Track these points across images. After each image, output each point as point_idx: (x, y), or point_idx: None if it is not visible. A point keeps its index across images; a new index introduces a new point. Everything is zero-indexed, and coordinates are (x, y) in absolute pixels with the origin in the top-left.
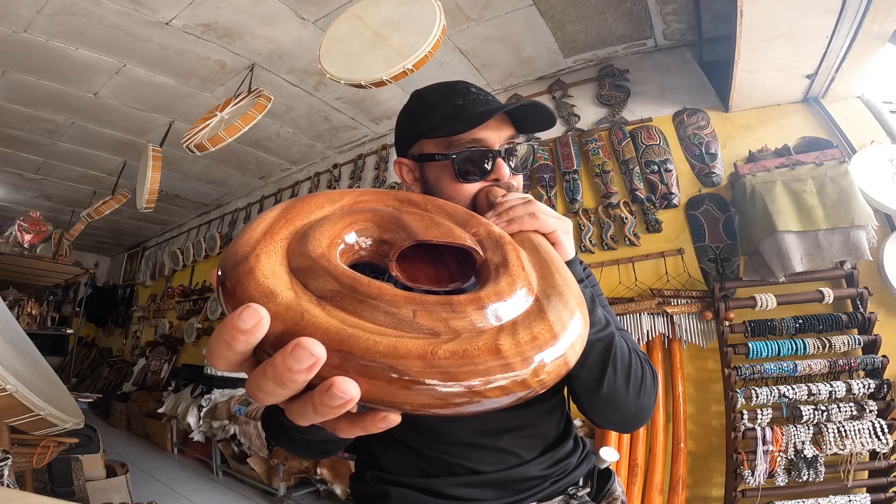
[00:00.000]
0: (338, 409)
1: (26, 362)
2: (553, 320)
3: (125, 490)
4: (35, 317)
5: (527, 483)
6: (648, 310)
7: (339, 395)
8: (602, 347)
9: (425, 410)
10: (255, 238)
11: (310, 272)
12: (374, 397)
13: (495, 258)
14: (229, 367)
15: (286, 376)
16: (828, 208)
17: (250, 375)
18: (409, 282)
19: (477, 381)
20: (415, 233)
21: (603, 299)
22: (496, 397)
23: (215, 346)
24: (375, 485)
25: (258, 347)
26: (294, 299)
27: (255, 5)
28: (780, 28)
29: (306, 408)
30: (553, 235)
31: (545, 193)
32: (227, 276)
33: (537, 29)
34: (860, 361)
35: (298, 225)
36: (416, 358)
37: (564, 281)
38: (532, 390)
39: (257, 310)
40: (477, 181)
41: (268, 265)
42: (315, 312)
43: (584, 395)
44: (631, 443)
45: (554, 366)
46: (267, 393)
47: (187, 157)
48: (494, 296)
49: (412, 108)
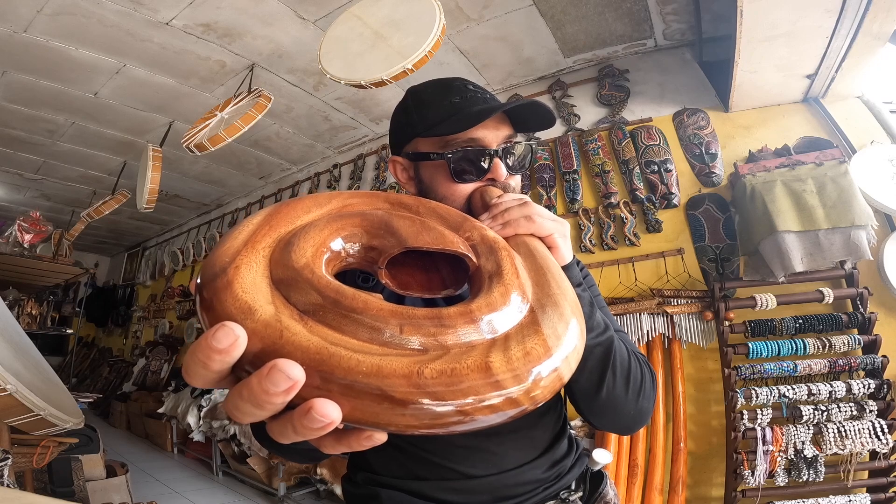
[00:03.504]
0: (318, 431)
1: (26, 362)
2: (547, 333)
3: (125, 490)
4: (35, 317)
5: (521, 488)
6: (648, 310)
7: (318, 419)
8: (601, 352)
9: (412, 431)
10: (236, 248)
11: (292, 284)
12: (358, 418)
13: (489, 265)
14: (207, 385)
15: (263, 399)
16: (828, 208)
17: (227, 395)
18: (399, 289)
19: (465, 401)
20: (405, 239)
21: (601, 300)
22: (485, 416)
23: (190, 364)
24: (366, 486)
25: (236, 365)
26: (273, 315)
27: (255, 5)
28: (780, 28)
29: (286, 428)
30: (549, 239)
31: (545, 193)
32: (204, 288)
33: (537, 29)
34: (860, 361)
35: (283, 232)
36: (401, 378)
37: (560, 289)
38: (524, 408)
39: (233, 329)
40: (473, 181)
41: (248, 277)
42: (295, 329)
43: (583, 400)
44: (631, 443)
45: (547, 382)
46: (244, 413)
47: (187, 157)
48: (486, 307)
49: (407, 105)
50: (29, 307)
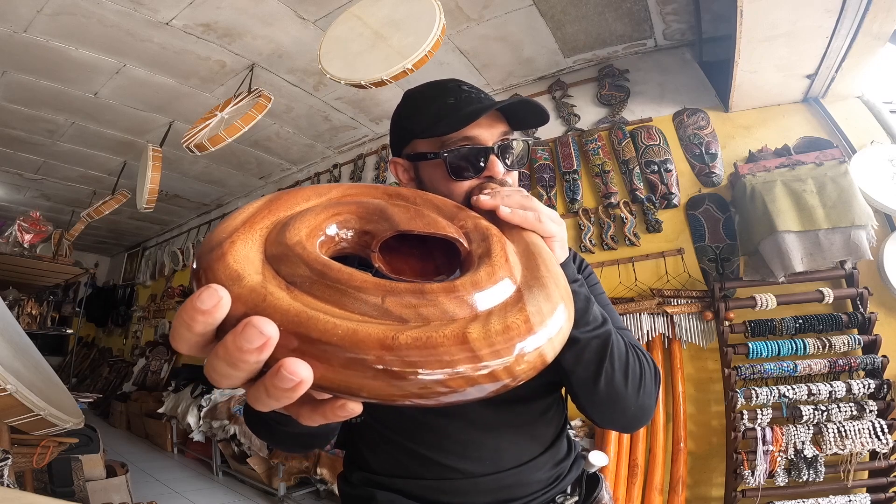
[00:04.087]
0: (289, 392)
1: (26, 362)
2: (531, 311)
3: (125, 490)
4: (35, 317)
5: (521, 489)
6: (648, 310)
7: (288, 377)
8: (598, 345)
9: (384, 399)
10: (234, 226)
11: (283, 258)
12: (330, 383)
13: (479, 250)
14: (191, 350)
15: (237, 356)
16: (828, 208)
17: (207, 359)
18: (392, 273)
19: (439, 370)
20: (397, 224)
21: (604, 298)
22: (462, 388)
23: (176, 327)
24: (362, 487)
25: (220, 329)
26: (260, 282)
27: (255, 5)
28: (780, 28)
29: (260, 391)
30: (549, 241)
31: (545, 193)
32: (200, 259)
33: (537, 29)
34: (860, 361)
35: (281, 216)
36: (374, 343)
37: (550, 273)
38: (503, 383)
39: (217, 290)
40: (470, 178)
41: (242, 251)
42: (279, 296)
43: (582, 393)
44: (631, 443)
45: (529, 359)
46: (221, 374)
47: (187, 157)
48: (471, 285)
49: (404, 109)
50: (29, 307)
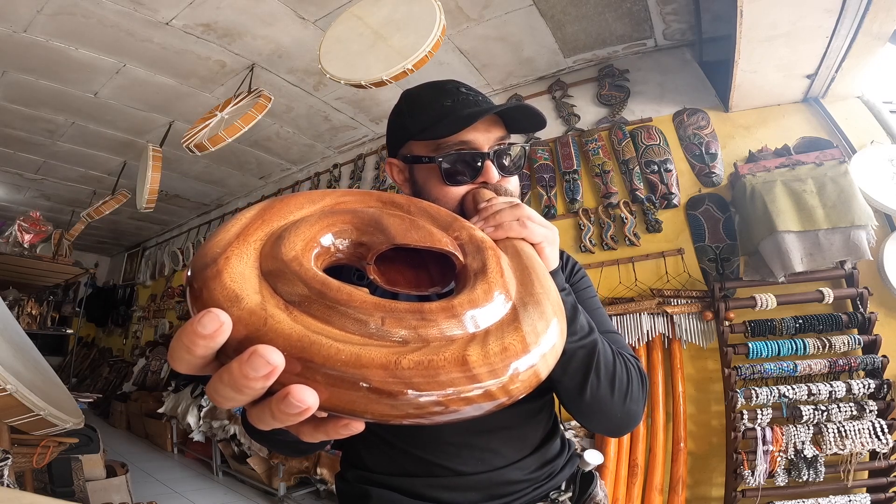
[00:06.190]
0: (295, 416)
1: (26, 362)
2: (527, 331)
3: (125, 490)
4: (35, 317)
5: (511, 486)
6: (648, 310)
7: (295, 404)
8: (584, 355)
9: (388, 420)
10: (227, 240)
11: (280, 276)
12: (335, 405)
13: (475, 264)
14: (191, 371)
15: (242, 383)
16: (828, 208)
17: (210, 379)
18: (387, 285)
19: (441, 392)
20: (393, 236)
21: (595, 301)
22: (462, 408)
23: (176, 349)
24: (357, 484)
25: (220, 351)
26: (259, 304)
27: (255, 5)
28: (780, 28)
29: (265, 413)
30: (538, 246)
31: (545, 193)
32: (195, 277)
33: (537, 29)
34: (860, 361)
35: (275, 226)
36: (379, 367)
37: (544, 289)
38: (499, 402)
39: (218, 315)
40: (465, 184)
41: (237, 268)
42: (280, 318)
43: (569, 402)
44: (631, 443)
45: (524, 377)
46: (224, 398)
47: (187, 157)
48: (468, 304)
49: (401, 109)
50: (29, 307)
